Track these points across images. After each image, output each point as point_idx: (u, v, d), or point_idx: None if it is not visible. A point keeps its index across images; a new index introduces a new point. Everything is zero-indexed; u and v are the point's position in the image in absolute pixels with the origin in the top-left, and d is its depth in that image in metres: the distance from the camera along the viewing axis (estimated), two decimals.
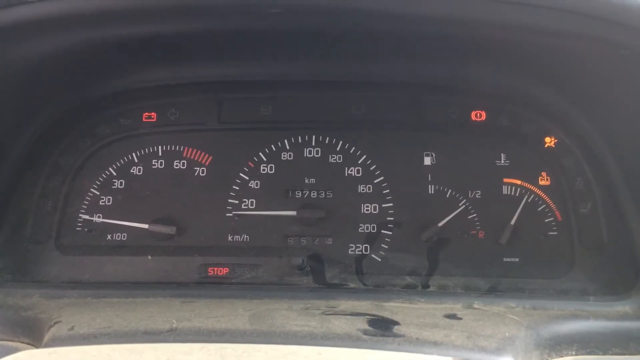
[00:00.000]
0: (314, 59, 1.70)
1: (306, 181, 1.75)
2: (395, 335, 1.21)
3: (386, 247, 1.71)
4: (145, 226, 1.71)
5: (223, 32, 1.42)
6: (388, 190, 1.74)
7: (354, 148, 1.76)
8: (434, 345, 1.18)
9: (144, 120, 1.81)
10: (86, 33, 1.34)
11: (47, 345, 1.24)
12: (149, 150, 1.79)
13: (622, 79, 1.31)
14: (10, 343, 1.34)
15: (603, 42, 1.12)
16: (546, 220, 1.70)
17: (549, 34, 1.15)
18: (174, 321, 1.25)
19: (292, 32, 1.44)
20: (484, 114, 1.76)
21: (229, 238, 1.73)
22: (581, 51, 1.29)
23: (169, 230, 1.70)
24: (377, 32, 1.39)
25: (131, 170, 1.78)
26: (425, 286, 1.65)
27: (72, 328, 1.26)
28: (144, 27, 1.32)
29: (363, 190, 1.75)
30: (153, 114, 1.81)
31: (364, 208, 1.73)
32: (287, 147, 1.78)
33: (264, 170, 1.77)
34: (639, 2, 1.04)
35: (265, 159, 1.77)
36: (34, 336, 1.34)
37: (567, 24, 1.08)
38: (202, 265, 1.70)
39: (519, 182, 1.72)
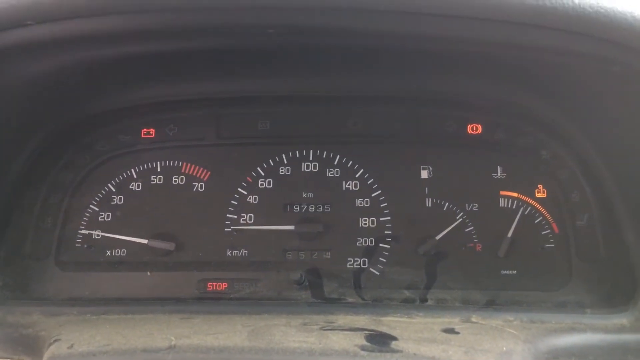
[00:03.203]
0: (310, 74, 1.71)
1: (304, 195, 1.76)
2: (393, 351, 1.22)
3: (384, 260, 1.71)
4: (145, 241, 1.72)
5: (220, 49, 1.44)
6: (386, 204, 1.75)
7: (351, 162, 1.78)
8: None
9: (142, 136, 1.82)
10: (83, 53, 1.35)
11: None
12: (147, 166, 1.80)
13: (615, 94, 1.32)
14: None
15: (594, 59, 1.13)
16: (543, 233, 1.70)
17: (540, 51, 1.17)
18: (173, 338, 1.25)
19: (288, 49, 1.46)
20: (480, 127, 1.77)
21: (228, 253, 1.74)
22: (574, 66, 1.31)
23: (168, 246, 1.71)
24: (372, 48, 1.41)
25: (130, 186, 1.79)
26: (424, 300, 1.66)
27: (71, 346, 1.26)
28: (141, 46, 1.33)
29: (361, 204, 1.75)
30: (152, 129, 1.82)
31: (361, 222, 1.74)
32: (285, 162, 1.79)
33: (262, 185, 1.78)
34: (628, 20, 1.05)
35: (263, 174, 1.78)
36: (34, 354, 1.35)
37: (556, 41, 1.09)
38: (202, 280, 1.71)
39: (515, 194, 1.73)
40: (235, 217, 1.76)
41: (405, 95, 1.78)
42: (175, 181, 1.79)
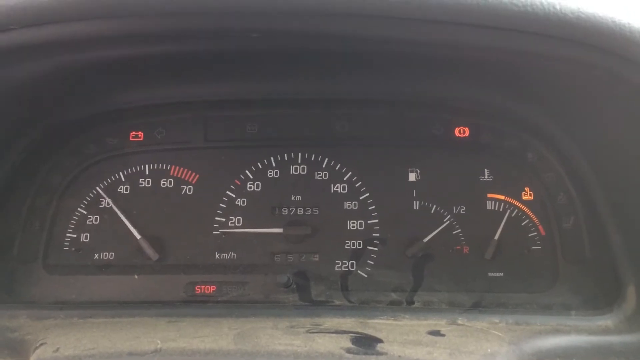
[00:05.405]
0: (298, 77, 1.72)
1: (292, 198, 1.77)
2: (378, 354, 1.22)
3: (372, 263, 1.72)
4: (138, 236, 1.72)
5: (207, 53, 1.44)
6: (374, 207, 1.75)
7: (339, 165, 1.78)
8: None
9: (131, 139, 1.81)
10: (70, 57, 1.35)
11: None
12: (136, 169, 1.80)
13: (598, 97, 1.33)
14: None
15: (575, 63, 1.14)
16: (530, 235, 1.72)
17: (522, 56, 1.18)
18: (159, 342, 1.25)
19: (275, 53, 1.46)
20: (467, 130, 1.78)
21: (216, 256, 1.74)
22: (558, 70, 1.31)
23: (152, 254, 1.71)
24: (359, 52, 1.41)
25: (118, 189, 1.79)
26: (410, 302, 1.67)
27: (57, 350, 1.26)
28: (127, 50, 1.34)
29: (349, 206, 1.76)
30: (140, 133, 1.82)
31: (349, 224, 1.75)
32: (274, 165, 1.79)
33: (250, 188, 1.78)
34: (609, 25, 1.06)
35: (251, 177, 1.79)
36: (21, 358, 1.34)
37: (538, 46, 1.10)
38: (190, 283, 1.71)
39: (502, 197, 1.74)
40: (224, 220, 1.76)
41: (392, 98, 1.79)
42: (163, 184, 1.79)
